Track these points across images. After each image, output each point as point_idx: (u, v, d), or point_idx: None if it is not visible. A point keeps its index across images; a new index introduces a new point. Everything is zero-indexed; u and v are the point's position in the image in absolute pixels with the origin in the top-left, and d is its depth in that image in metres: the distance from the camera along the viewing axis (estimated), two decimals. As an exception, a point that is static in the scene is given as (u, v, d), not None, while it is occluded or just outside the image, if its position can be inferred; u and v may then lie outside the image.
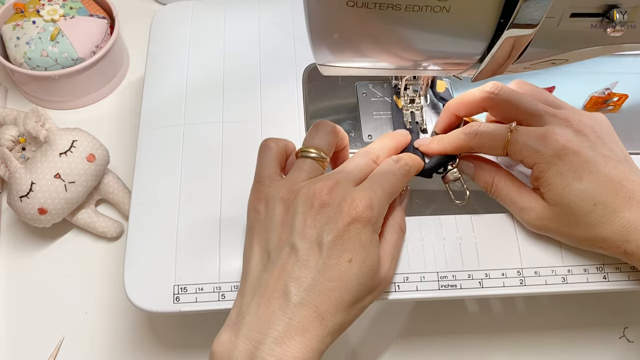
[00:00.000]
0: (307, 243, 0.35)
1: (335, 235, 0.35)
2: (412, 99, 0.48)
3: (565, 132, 0.39)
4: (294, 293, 0.34)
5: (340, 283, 0.34)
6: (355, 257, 0.35)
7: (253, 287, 0.36)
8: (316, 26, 0.33)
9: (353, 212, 0.35)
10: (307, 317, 0.33)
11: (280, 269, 0.35)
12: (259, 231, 0.37)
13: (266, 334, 0.33)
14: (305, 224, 0.35)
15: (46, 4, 0.60)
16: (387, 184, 0.38)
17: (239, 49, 0.51)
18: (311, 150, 0.39)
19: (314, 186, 0.36)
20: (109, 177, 0.55)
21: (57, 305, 0.51)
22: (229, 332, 0.35)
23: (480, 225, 0.43)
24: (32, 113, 0.52)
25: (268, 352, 0.32)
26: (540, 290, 0.41)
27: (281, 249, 0.35)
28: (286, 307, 0.33)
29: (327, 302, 0.34)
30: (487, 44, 0.33)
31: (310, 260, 0.34)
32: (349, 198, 0.35)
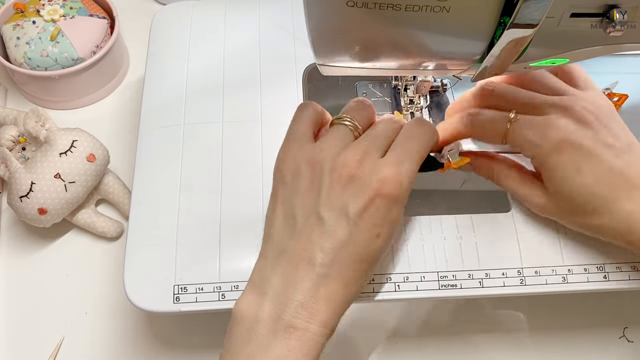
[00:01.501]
0: (333, 214, 0.35)
1: (361, 208, 0.35)
2: (412, 99, 0.48)
3: (565, 123, 0.38)
4: (319, 262, 0.35)
5: (367, 256, 0.35)
6: (383, 233, 0.36)
7: (278, 252, 0.36)
8: (316, 26, 0.33)
9: (382, 187, 0.35)
10: (333, 285, 0.35)
11: (307, 237, 0.35)
12: (283, 194, 0.38)
13: (292, 297, 0.34)
14: (332, 194, 0.35)
15: (46, 4, 0.60)
16: (415, 153, 0.37)
17: (239, 49, 0.51)
18: (346, 118, 0.39)
19: (343, 156, 0.36)
20: (109, 177, 0.55)
21: (57, 305, 0.51)
22: (253, 293, 0.36)
23: (481, 225, 0.42)
24: (32, 113, 0.52)
25: (294, 315, 0.34)
26: (540, 290, 0.41)
27: (307, 217, 0.36)
28: (312, 275, 0.34)
29: (353, 272, 0.35)
30: (487, 44, 0.33)
31: (337, 232, 0.35)
32: (378, 172, 0.35)
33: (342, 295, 0.35)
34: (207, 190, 0.44)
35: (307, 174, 0.37)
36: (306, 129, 0.39)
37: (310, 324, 0.34)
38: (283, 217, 0.37)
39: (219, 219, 0.42)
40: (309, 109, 0.40)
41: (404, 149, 0.37)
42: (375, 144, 0.37)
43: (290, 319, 0.34)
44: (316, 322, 0.34)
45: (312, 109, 0.40)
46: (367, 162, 0.36)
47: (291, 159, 0.38)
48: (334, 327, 0.35)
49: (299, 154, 0.38)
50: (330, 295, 0.34)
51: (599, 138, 0.38)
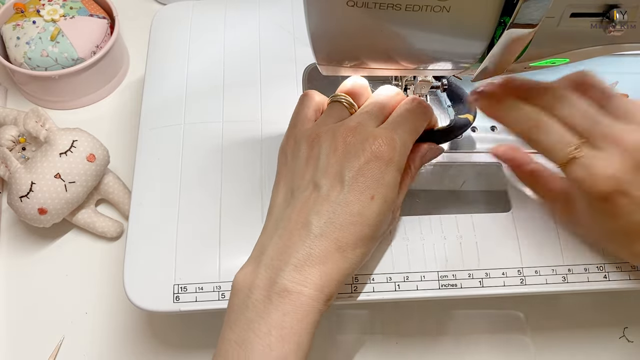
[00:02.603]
0: (329, 180, 0.36)
1: (356, 172, 0.36)
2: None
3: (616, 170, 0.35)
4: (315, 225, 0.35)
5: (362, 218, 0.35)
6: (378, 195, 0.36)
7: (276, 222, 0.37)
8: (316, 26, 0.33)
9: (375, 149, 0.36)
10: (327, 248, 0.35)
11: (302, 204, 0.36)
12: (285, 174, 0.39)
13: (287, 261, 0.34)
14: (328, 163, 0.36)
15: (46, 4, 0.60)
16: (408, 124, 0.38)
17: (239, 49, 0.51)
18: (340, 95, 0.40)
19: (338, 129, 0.37)
20: (109, 177, 0.55)
21: (57, 305, 0.51)
22: (252, 264, 0.36)
23: (481, 224, 0.42)
24: (32, 113, 0.52)
25: (288, 278, 0.34)
26: (540, 290, 0.41)
27: (306, 187, 0.37)
28: (307, 238, 0.35)
29: (348, 236, 0.35)
30: (487, 44, 0.33)
31: (331, 195, 0.36)
32: (371, 137, 0.36)
33: (338, 259, 0.35)
34: (207, 190, 0.44)
35: (305, 149, 0.38)
36: (308, 113, 0.40)
37: (304, 287, 0.34)
38: (284, 193, 0.39)
39: (219, 218, 0.42)
40: (312, 96, 0.42)
41: (398, 117, 0.39)
42: (370, 116, 0.39)
43: (284, 282, 0.34)
44: (310, 285, 0.34)
45: (314, 96, 0.42)
46: (361, 130, 0.37)
47: (292, 139, 0.40)
48: (331, 293, 0.35)
49: (299, 134, 0.39)
50: (326, 258, 0.35)
51: None
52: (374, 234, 0.36)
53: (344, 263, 0.35)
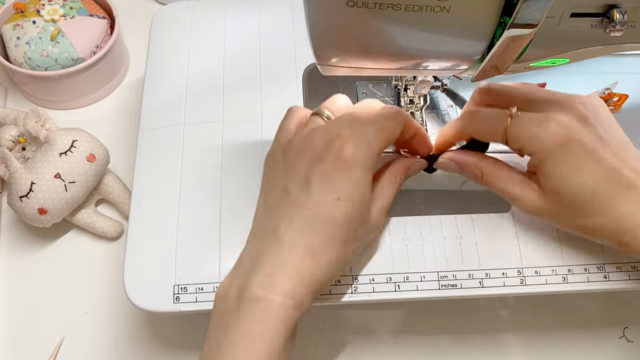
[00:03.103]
0: (296, 184, 0.36)
1: (321, 173, 0.35)
2: (412, 99, 0.48)
3: (568, 120, 0.37)
4: (283, 231, 0.35)
5: (330, 221, 0.35)
6: (344, 196, 0.35)
7: (254, 235, 0.38)
8: (316, 26, 0.33)
9: (338, 150, 0.35)
10: (297, 253, 0.34)
11: (276, 211, 0.37)
12: (263, 185, 0.40)
13: (256, 269, 0.34)
14: (296, 167, 0.37)
15: (46, 4, 0.60)
16: (375, 124, 0.37)
17: (239, 49, 0.51)
18: (323, 110, 0.40)
19: (308, 134, 0.37)
20: (109, 177, 0.55)
21: (57, 305, 0.51)
22: (231, 274, 0.37)
23: (481, 224, 0.42)
24: (32, 113, 0.52)
25: (257, 285, 0.34)
26: (540, 290, 0.41)
27: (278, 194, 0.37)
28: (276, 244, 0.35)
29: (317, 240, 0.35)
30: (487, 44, 0.33)
31: (300, 200, 0.35)
32: (335, 136, 0.36)
33: (309, 264, 0.34)
34: (207, 190, 0.44)
35: (280, 158, 0.39)
36: (290, 127, 0.40)
37: (273, 293, 0.33)
38: (262, 204, 0.39)
39: (219, 218, 0.42)
40: (295, 110, 0.41)
41: (365, 121, 0.37)
42: (340, 120, 0.38)
43: (253, 289, 0.34)
44: (279, 291, 0.33)
45: (297, 111, 0.41)
46: (328, 133, 0.37)
47: (272, 151, 0.40)
48: (303, 300, 0.34)
49: (278, 146, 0.39)
50: (295, 264, 0.34)
51: (597, 134, 0.37)
52: (345, 237, 0.36)
53: (316, 269, 0.35)
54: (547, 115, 0.38)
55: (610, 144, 0.37)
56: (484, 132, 0.41)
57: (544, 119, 0.37)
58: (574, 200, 0.37)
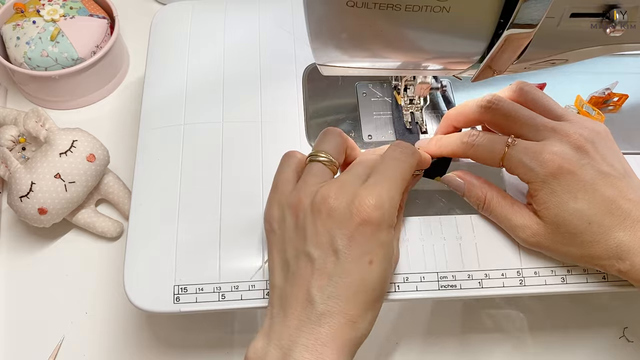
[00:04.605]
0: (321, 250, 0.34)
1: (348, 239, 0.34)
2: (412, 99, 0.48)
3: (562, 150, 0.38)
4: (318, 301, 0.34)
5: (365, 286, 0.34)
6: (376, 258, 0.34)
7: (279, 299, 0.36)
8: (316, 26, 0.33)
9: (363, 213, 0.34)
10: (336, 323, 0.33)
11: (301, 278, 0.35)
12: (276, 243, 0.37)
13: (296, 341, 0.33)
14: (316, 231, 0.35)
15: (46, 4, 0.60)
16: (392, 172, 0.36)
17: (239, 49, 0.51)
18: (320, 154, 0.38)
19: (320, 191, 0.36)
20: (109, 177, 0.55)
21: (57, 305, 0.51)
22: (262, 339, 0.35)
23: (480, 225, 0.42)
24: (32, 113, 0.52)
25: (299, 359, 0.33)
26: (540, 291, 0.41)
27: (298, 259, 0.35)
28: (312, 315, 0.34)
29: (355, 306, 0.34)
30: (487, 44, 0.33)
31: (328, 267, 0.34)
32: (356, 199, 0.34)
33: (348, 333, 0.34)
34: (207, 191, 0.44)
35: (291, 218, 0.36)
36: (289, 176, 0.39)
37: None
38: (279, 264, 0.37)
39: (219, 219, 0.42)
40: (292, 155, 0.40)
41: (381, 172, 0.36)
42: (352, 174, 0.37)
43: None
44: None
45: (295, 156, 0.40)
46: (344, 192, 0.35)
47: (276, 206, 0.38)
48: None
49: (282, 199, 0.38)
50: (335, 335, 0.33)
51: (595, 166, 0.38)
52: (380, 296, 0.35)
53: (356, 332, 0.34)
54: (542, 145, 0.38)
55: (609, 175, 0.38)
56: (481, 158, 0.41)
57: (539, 149, 0.38)
58: (570, 230, 0.38)
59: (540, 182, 0.38)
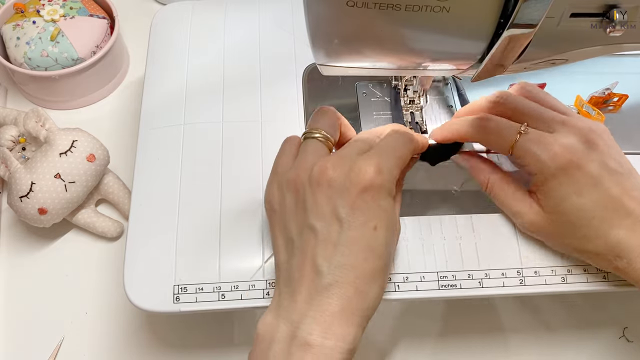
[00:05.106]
0: (324, 221, 0.35)
1: (350, 206, 0.34)
2: (412, 99, 0.48)
3: (572, 143, 0.38)
4: (325, 272, 0.34)
5: (372, 252, 0.34)
6: (380, 224, 0.34)
7: (285, 276, 0.36)
8: (316, 26, 0.33)
9: (362, 179, 0.34)
10: (344, 293, 0.33)
11: (305, 251, 0.35)
12: (277, 222, 0.38)
13: (305, 314, 0.33)
14: (317, 203, 0.35)
15: (46, 4, 0.60)
16: (391, 149, 0.37)
17: (239, 49, 0.51)
18: (314, 131, 0.39)
19: (318, 164, 0.36)
20: (109, 177, 0.55)
21: (57, 305, 0.51)
22: (272, 314, 0.35)
23: (480, 225, 0.42)
24: (32, 113, 0.52)
25: (308, 331, 0.33)
26: (540, 290, 0.41)
27: (302, 233, 0.35)
28: (320, 286, 0.33)
29: (363, 275, 0.34)
30: (487, 44, 0.33)
31: (332, 236, 0.34)
32: (355, 167, 0.35)
33: (357, 303, 0.34)
34: (207, 190, 0.44)
35: (290, 195, 0.37)
36: (288, 158, 0.39)
37: (326, 339, 0.32)
38: (283, 243, 0.37)
39: (219, 219, 0.42)
40: (293, 139, 0.40)
41: (379, 146, 0.37)
42: (351, 148, 0.37)
43: (304, 335, 0.33)
44: (332, 336, 0.33)
45: (294, 140, 0.40)
46: (343, 163, 0.36)
47: (275, 186, 0.38)
48: (355, 340, 0.33)
49: (280, 180, 0.38)
50: (344, 305, 0.33)
51: (602, 161, 0.38)
52: (386, 263, 0.35)
53: (364, 303, 0.34)
54: (553, 137, 0.38)
55: (615, 173, 0.38)
56: (492, 143, 0.41)
57: (550, 140, 0.38)
58: (572, 223, 0.38)
59: (548, 174, 0.38)
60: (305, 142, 0.39)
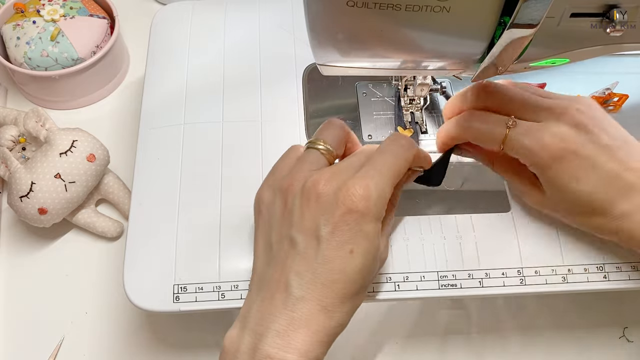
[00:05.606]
0: (305, 235, 0.34)
1: (332, 226, 0.33)
2: (412, 99, 0.48)
3: (562, 130, 0.38)
4: (295, 286, 0.33)
5: (344, 275, 0.33)
6: (357, 249, 0.34)
7: (259, 282, 0.36)
8: (316, 26, 0.33)
9: (348, 202, 0.33)
10: (310, 309, 0.33)
11: (282, 263, 0.34)
12: (262, 225, 0.37)
13: (269, 327, 0.33)
14: (302, 216, 0.34)
15: (46, 4, 0.60)
16: (385, 166, 0.36)
17: (239, 49, 0.51)
18: (318, 142, 0.38)
19: (312, 177, 0.35)
20: (109, 177, 0.55)
21: (57, 305, 0.51)
22: (237, 326, 0.35)
23: (480, 224, 0.42)
24: (32, 113, 0.52)
25: (270, 344, 0.32)
26: (540, 290, 0.41)
27: (281, 243, 0.35)
28: (287, 300, 0.33)
29: (331, 295, 0.33)
30: (487, 44, 0.33)
31: (309, 253, 0.34)
32: (344, 187, 0.34)
33: (323, 321, 0.33)
34: (207, 190, 0.44)
35: (280, 201, 0.36)
36: (287, 164, 0.38)
37: (287, 353, 0.32)
38: (262, 246, 0.37)
39: (219, 219, 0.42)
40: (296, 148, 0.40)
41: (374, 164, 0.36)
42: (347, 164, 0.36)
43: (267, 349, 0.32)
44: (293, 350, 0.32)
45: (298, 149, 0.39)
46: (335, 180, 0.35)
47: (268, 189, 0.38)
48: (317, 357, 0.33)
49: (275, 183, 0.37)
50: (309, 321, 0.33)
51: (595, 141, 0.38)
52: (359, 289, 0.34)
53: (331, 322, 0.33)
54: (542, 126, 0.38)
55: (611, 148, 0.38)
56: (481, 140, 0.41)
57: (540, 130, 0.38)
58: (574, 203, 0.39)
59: (542, 165, 0.38)
60: (306, 151, 0.38)
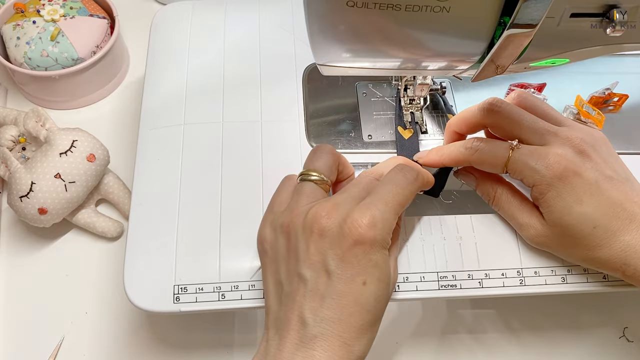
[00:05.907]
0: (313, 271, 0.34)
1: (340, 259, 0.33)
2: (412, 99, 0.48)
3: (566, 153, 0.38)
4: (311, 324, 0.33)
5: (360, 307, 0.33)
6: (370, 279, 0.33)
7: (274, 321, 0.35)
8: (316, 26, 0.33)
9: (355, 233, 0.33)
10: (331, 346, 0.32)
11: (293, 300, 0.34)
12: (269, 264, 0.37)
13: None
14: (308, 251, 0.34)
15: (46, 4, 0.60)
16: (390, 196, 0.35)
17: (239, 49, 0.51)
18: (311, 173, 0.38)
19: (312, 210, 0.35)
20: (109, 177, 0.55)
21: (57, 305, 0.51)
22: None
23: (480, 225, 0.42)
24: (33, 113, 0.52)
25: None
26: (540, 290, 0.41)
27: (291, 280, 0.35)
28: (305, 338, 0.33)
29: (349, 329, 0.33)
30: (487, 44, 0.33)
31: (320, 288, 0.33)
32: (348, 219, 0.34)
33: (343, 355, 0.33)
34: (207, 190, 0.44)
35: (282, 238, 0.36)
36: (284, 198, 0.38)
37: None
38: (273, 285, 0.36)
39: (219, 219, 0.42)
40: (291, 179, 0.39)
41: (378, 194, 0.35)
42: (349, 197, 0.36)
43: None
44: None
45: (293, 180, 0.39)
46: (337, 212, 0.34)
47: (268, 227, 0.37)
48: None
49: (274, 220, 0.37)
50: (330, 357, 0.32)
51: (598, 169, 0.38)
52: (376, 318, 0.34)
53: (351, 355, 0.33)
54: (547, 148, 0.38)
55: (615, 180, 0.38)
56: (485, 164, 0.40)
57: (544, 152, 0.38)
58: (576, 232, 0.38)
59: (546, 184, 0.37)
60: (301, 184, 0.38)
